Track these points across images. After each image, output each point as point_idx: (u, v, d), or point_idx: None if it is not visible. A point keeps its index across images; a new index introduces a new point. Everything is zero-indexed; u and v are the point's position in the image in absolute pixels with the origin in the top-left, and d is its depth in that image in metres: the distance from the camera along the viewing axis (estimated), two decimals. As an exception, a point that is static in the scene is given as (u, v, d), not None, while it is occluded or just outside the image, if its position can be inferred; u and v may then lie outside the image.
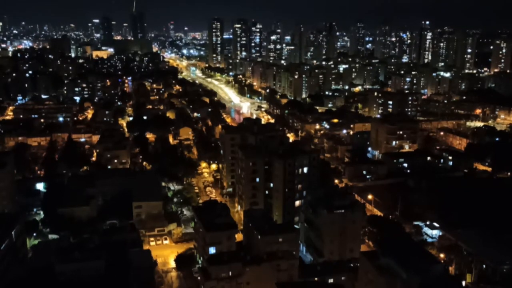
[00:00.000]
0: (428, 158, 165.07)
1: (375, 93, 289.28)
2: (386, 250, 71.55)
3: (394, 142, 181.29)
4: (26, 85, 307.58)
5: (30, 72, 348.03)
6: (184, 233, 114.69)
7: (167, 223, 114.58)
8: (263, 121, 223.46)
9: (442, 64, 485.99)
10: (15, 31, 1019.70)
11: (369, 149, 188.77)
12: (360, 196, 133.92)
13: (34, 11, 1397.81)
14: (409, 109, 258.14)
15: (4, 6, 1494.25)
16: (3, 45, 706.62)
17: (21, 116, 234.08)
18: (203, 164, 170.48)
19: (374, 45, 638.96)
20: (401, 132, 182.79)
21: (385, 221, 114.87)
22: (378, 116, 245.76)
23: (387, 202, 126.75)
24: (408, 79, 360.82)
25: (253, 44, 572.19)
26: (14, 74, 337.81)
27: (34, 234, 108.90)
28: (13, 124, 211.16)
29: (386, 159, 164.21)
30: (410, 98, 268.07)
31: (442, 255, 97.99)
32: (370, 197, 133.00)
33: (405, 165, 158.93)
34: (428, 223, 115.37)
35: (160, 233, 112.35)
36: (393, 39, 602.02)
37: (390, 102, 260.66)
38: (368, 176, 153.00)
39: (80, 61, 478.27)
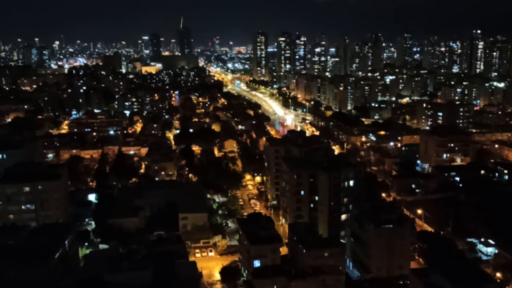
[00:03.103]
0: (482, 171, 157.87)
1: (424, 105, 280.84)
2: (437, 267, 68.79)
3: (444, 155, 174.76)
4: (80, 100, 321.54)
5: (84, 87, 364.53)
6: (229, 246, 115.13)
7: (212, 235, 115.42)
8: (308, 133, 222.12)
9: (495, 74, 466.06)
10: (70, 49, 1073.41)
11: (418, 162, 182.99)
12: (409, 211, 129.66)
13: (88, 30, 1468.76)
14: (461, 121, 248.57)
15: (61, 26, 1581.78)
16: (60, 63, 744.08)
17: (75, 129, 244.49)
18: (248, 177, 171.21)
19: (422, 55, 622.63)
20: (452, 145, 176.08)
21: (436, 237, 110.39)
22: (427, 128, 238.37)
23: (438, 217, 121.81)
24: (458, 90, 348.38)
25: (297, 57, 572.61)
26: (69, 90, 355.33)
27: (86, 244, 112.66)
28: (68, 137, 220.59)
29: (436, 172, 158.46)
30: (461, 109, 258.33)
31: (498, 274, 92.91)
32: (419, 211, 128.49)
33: (457, 179, 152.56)
34: (482, 240, 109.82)
35: (205, 245, 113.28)
36: (442, 49, 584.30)
37: (440, 114, 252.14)
38: (417, 190, 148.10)
39: (130, 76, 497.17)
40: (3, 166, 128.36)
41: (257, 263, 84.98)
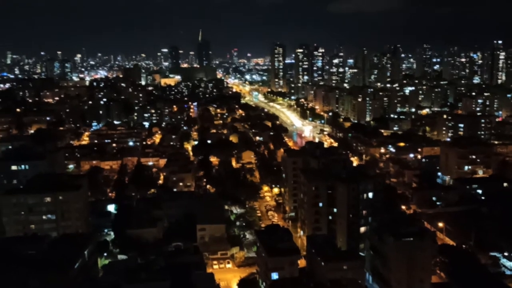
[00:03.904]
0: (505, 184, 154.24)
1: (444, 116, 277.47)
2: (459, 282, 67.20)
3: (466, 167, 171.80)
4: (100, 112, 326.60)
5: (105, 99, 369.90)
6: (246, 257, 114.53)
7: (230, 247, 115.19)
8: (326, 145, 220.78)
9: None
10: (92, 62, 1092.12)
11: (439, 174, 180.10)
12: (430, 224, 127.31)
13: (109, 43, 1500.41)
14: (482, 132, 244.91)
15: (82, 39, 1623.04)
16: (81, 75, 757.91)
17: (96, 141, 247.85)
18: (265, 188, 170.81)
19: (442, 66, 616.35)
20: (473, 157, 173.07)
21: (458, 251, 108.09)
22: (448, 139, 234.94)
23: (460, 230, 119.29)
24: (480, 101, 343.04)
25: (315, 68, 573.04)
26: (90, 102, 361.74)
27: (105, 254, 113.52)
28: (88, 148, 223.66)
29: (458, 184, 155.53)
30: (482, 120, 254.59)
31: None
32: (440, 225, 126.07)
33: (479, 191, 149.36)
34: (506, 253, 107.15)
35: (223, 257, 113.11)
36: (463, 59, 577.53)
37: (461, 125, 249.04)
38: (438, 203, 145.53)
39: (150, 88, 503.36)
40: (26, 176, 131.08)
41: (275, 276, 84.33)
